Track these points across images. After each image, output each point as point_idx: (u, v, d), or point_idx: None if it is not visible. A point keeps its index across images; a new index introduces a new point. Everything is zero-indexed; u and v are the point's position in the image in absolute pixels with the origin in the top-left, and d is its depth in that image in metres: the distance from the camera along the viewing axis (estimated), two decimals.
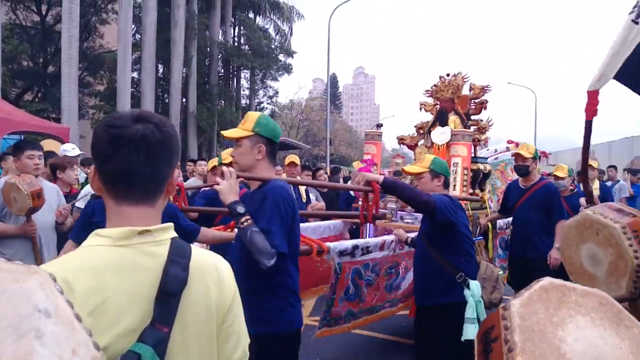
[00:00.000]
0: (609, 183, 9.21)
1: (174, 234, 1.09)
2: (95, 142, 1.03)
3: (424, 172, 3.34)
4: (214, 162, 5.09)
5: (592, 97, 1.81)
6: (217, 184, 2.30)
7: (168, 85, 20.71)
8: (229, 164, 2.98)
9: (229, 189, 2.26)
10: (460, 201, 3.49)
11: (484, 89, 5.58)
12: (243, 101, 29.26)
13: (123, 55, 16.02)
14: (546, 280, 1.01)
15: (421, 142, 5.86)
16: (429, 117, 5.90)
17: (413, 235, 3.94)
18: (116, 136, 1.01)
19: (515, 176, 5.34)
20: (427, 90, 5.89)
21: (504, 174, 6.26)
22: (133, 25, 18.15)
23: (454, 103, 5.60)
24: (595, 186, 8.04)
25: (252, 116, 2.43)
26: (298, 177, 5.76)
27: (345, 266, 3.79)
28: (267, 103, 32.24)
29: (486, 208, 5.45)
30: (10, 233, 3.44)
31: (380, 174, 4.76)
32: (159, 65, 22.81)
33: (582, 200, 5.65)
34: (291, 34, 29.39)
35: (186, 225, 3.15)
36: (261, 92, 30.05)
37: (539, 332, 0.98)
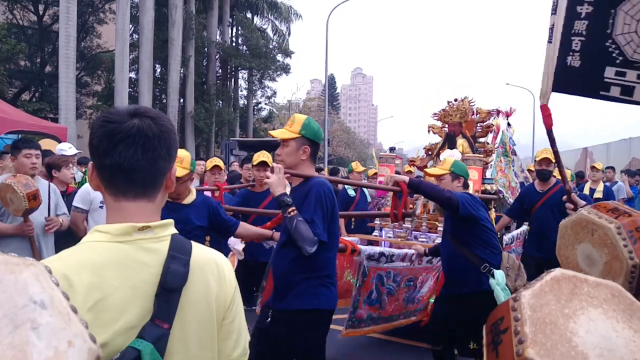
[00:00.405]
0: (607, 184, 9.21)
1: (174, 230, 1.08)
2: (92, 137, 1.02)
3: (445, 174, 3.63)
4: (214, 161, 5.08)
5: (544, 110, 1.96)
6: (216, 187, 2.41)
7: (165, 85, 20.70)
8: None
9: (278, 183, 2.53)
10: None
11: (489, 114, 5.92)
12: (241, 101, 29.25)
13: (120, 55, 16.00)
14: (557, 271, 1.00)
15: (430, 163, 6.11)
16: (437, 139, 6.20)
17: (428, 249, 4.23)
18: (112, 131, 1.00)
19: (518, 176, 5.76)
20: (435, 114, 6.18)
21: (513, 190, 6.28)
22: (130, 25, 18.14)
23: (462, 127, 5.93)
24: (600, 188, 7.98)
25: (299, 119, 2.66)
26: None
27: (371, 270, 4.07)
28: (265, 103, 32.25)
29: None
30: (8, 232, 3.44)
31: (373, 173, 5.04)
32: (157, 66, 22.79)
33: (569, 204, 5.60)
34: (289, 34, 29.42)
35: (228, 219, 3.38)
36: (259, 93, 30.03)
37: (550, 324, 0.97)
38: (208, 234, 3.50)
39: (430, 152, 6.18)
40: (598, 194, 7.69)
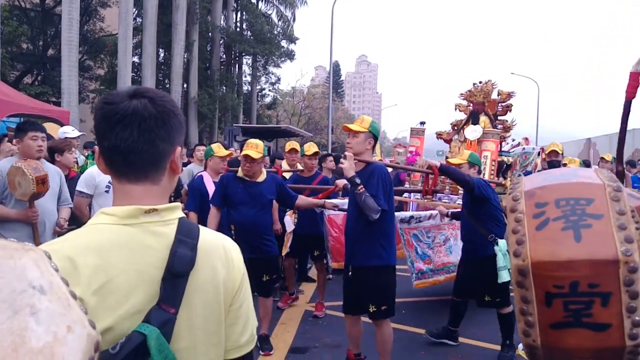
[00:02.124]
0: None
1: (182, 214, 1.06)
2: (94, 119, 1.02)
3: (463, 163, 4.44)
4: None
5: (633, 79, 1.87)
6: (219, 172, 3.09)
7: (169, 70, 20.58)
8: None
9: (350, 167, 3.30)
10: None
11: (510, 95, 6.84)
12: (245, 87, 29.10)
13: (124, 39, 15.87)
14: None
15: (455, 137, 7.14)
16: (462, 116, 7.21)
17: (452, 211, 5.27)
18: (110, 112, 0.98)
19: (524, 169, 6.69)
20: (462, 94, 7.20)
21: (515, 165, 7.44)
22: (134, 9, 17.94)
23: (485, 106, 6.85)
24: None
25: (367, 119, 3.52)
26: (298, 165, 6.29)
27: (406, 231, 5.17)
28: (269, 90, 32.13)
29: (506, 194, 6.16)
30: (11, 218, 3.41)
31: (379, 160, 5.94)
32: (160, 50, 22.66)
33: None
34: (294, 20, 29.19)
35: (290, 191, 4.36)
36: (263, 79, 29.87)
37: None
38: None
39: (456, 127, 7.16)
40: None
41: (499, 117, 6.89)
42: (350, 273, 3.49)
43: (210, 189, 4.60)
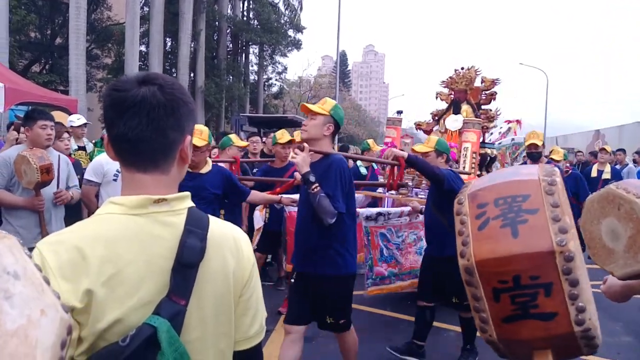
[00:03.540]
0: (617, 167, 9.16)
1: (191, 204, 1.05)
2: (103, 106, 1.00)
3: (430, 152, 3.97)
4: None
5: None
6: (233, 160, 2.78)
7: (176, 59, 20.58)
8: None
9: (303, 161, 2.80)
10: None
11: (494, 82, 6.21)
12: (251, 77, 29.05)
13: (131, 27, 15.87)
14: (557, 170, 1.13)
15: (436, 127, 6.53)
16: (444, 105, 6.55)
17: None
18: (118, 100, 0.96)
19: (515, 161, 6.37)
20: (443, 81, 6.52)
21: (503, 157, 7.07)
22: None
23: (467, 94, 6.29)
24: (607, 170, 8.09)
25: (331, 101, 3.03)
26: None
27: (372, 230, 4.63)
28: (276, 79, 32.04)
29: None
30: (18, 205, 3.44)
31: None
32: (167, 39, 22.62)
33: None
34: (301, 9, 28.99)
35: (240, 187, 3.86)
36: (270, 68, 29.82)
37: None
38: (222, 203, 3.85)
39: (436, 117, 6.53)
40: (606, 175, 7.91)
41: (483, 106, 6.32)
42: (293, 279, 3.07)
43: None
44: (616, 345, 4.33)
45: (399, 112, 7.09)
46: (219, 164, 4.13)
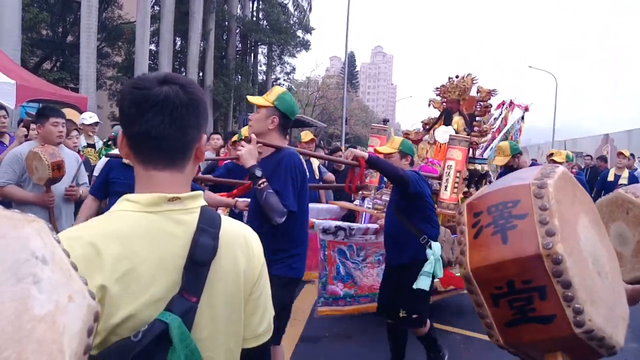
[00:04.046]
0: (629, 171, 9.12)
1: (204, 202, 1.06)
2: (121, 104, 1.00)
3: (394, 153, 3.75)
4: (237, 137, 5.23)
5: None
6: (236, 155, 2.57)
7: (185, 58, 20.64)
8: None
9: (249, 154, 2.56)
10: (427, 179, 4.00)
11: (490, 93, 5.71)
12: (260, 77, 29.09)
13: (141, 26, 15.96)
14: (562, 167, 1.06)
15: (425, 137, 5.92)
16: (437, 113, 5.97)
17: None
18: (140, 98, 0.97)
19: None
20: (437, 88, 5.99)
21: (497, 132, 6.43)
22: None
23: (460, 104, 5.74)
24: (625, 175, 8.01)
25: (276, 90, 2.75)
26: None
27: (330, 244, 4.15)
28: (284, 79, 32.03)
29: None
30: (28, 200, 3.47)
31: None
32: (177, 38, 22.71)
33: None
34: (310, 10, 29.01)
35: (192, 185, 3.39)
36: (278, 68, 29.82)
37: (567, 223, 1.01)
38: None
39: (427, 126, 6.03)
40: (623, 180, 7.78)
41: (477, 118, 5.71)
42: None
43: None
44: (623, 351, 4.29)
45: (385, 121, 6.68)
46: (227, 161, 4.07)
